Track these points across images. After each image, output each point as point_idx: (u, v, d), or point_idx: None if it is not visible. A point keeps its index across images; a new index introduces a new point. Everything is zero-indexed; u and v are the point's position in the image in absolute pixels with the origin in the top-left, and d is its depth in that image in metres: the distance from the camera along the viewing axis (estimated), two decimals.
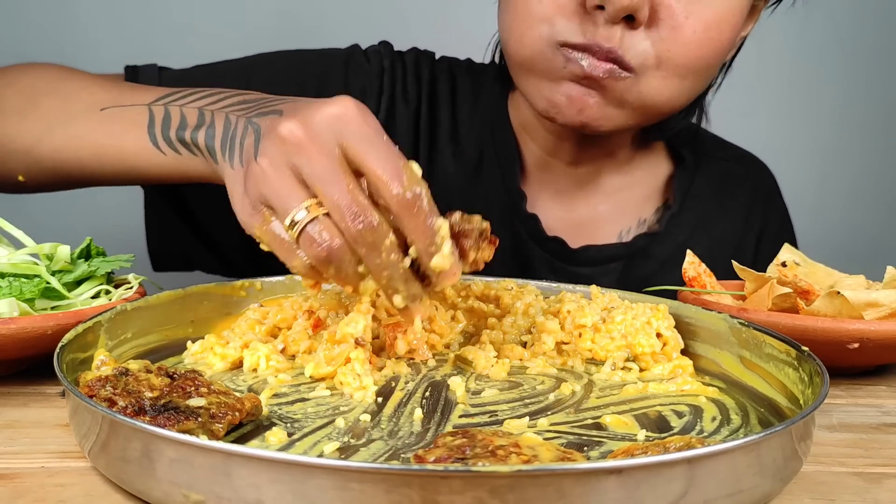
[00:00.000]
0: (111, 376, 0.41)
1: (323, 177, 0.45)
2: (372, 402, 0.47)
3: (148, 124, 0.60)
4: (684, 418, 0.47)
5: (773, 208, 0.94)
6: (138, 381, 0.41)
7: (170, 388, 0.41)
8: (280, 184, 0.46)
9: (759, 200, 0.92)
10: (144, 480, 0.34)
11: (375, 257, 0.45)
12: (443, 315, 0.59)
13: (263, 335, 0.56)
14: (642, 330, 0.56)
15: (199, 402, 0.40)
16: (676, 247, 0.84)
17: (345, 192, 0.44)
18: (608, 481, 0.31)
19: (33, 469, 0.38)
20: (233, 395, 0.42)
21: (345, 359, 0.50)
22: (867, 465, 0.43)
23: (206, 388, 0.42)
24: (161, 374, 0.42)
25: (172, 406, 0.39)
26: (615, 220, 0.86)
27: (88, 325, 0.48)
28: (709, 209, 0.88)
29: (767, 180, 0.95)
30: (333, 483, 0.30)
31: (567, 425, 0.45)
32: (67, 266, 0.57)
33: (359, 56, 0.84)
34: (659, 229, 0.85)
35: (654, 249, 0.85)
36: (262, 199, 0.47)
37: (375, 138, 0.46)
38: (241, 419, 0.41)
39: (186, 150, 0.58)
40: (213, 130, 0.55)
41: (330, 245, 0.45)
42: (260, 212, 0.47)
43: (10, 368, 0.51)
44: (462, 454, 0.35)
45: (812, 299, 0.59)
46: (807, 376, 0.46)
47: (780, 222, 0.95)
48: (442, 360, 0.56)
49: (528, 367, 0.54)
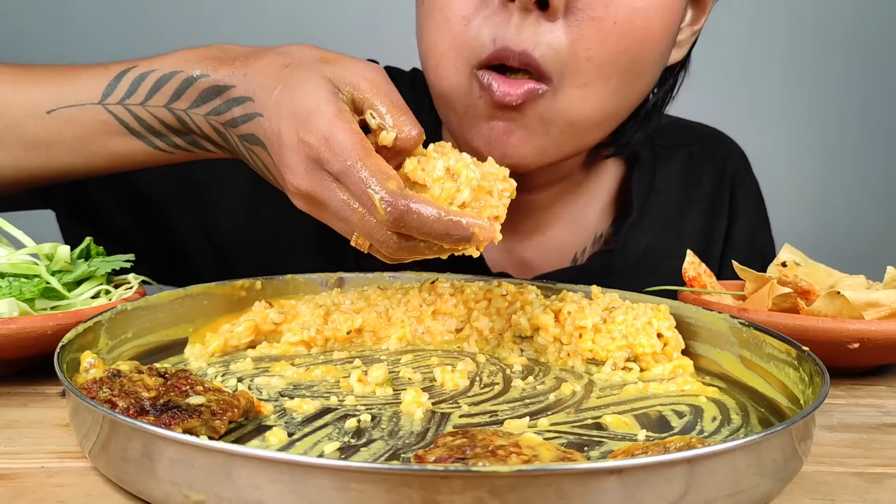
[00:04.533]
0: (105, 378, 0.41)
1: (335, 218, 0.50)
2: (373, 402, 0.47)
3: (130, 132, 0.59)
4: (685, 418, 0.47)
5: (744, 189, 0.88)
6: (133, 382, 0.41)
7: (165, 387, 0.41)
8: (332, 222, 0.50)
9: (727, 181, 0.86)
10: (145, 480, 0.34)
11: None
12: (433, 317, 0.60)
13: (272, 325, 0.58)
14: (643, 330, 0.56)
15: (199, 399, 0.40)
16: (638, 255, 0.79)
17: (356, 175, 0.46)
18: (608, 481, 0.31)
19: (33, 469, 0.38)
20: (227, 393, 0.42)
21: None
22: (867, 465, 0.43)
23: (201, 385, 0.42)
24: (153, 375, 0.43)
25: (174, 405, 0.39)
26: (569, 244, 0.80)
27: (88, 325, 0.48)
28: (676, 203, 0.83)
29: (735, 158, 0.88)
30: (334, 483, 0.30)
31: (567, 425, 0.45)
32: (67, 266, 0.57)
33: None
34: (616, 243, 0.79)
35: (613, 264, 0.78)
36: (320, 218, 0.51)
37: (352, 138, 0.47)
38: (239, 416, 0.41)
39: (184, 154, 0.60)
40: (209, 147, 0.58)
41: (396, 252, 0.48)
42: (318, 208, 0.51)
43: (10, 368, 0.51)
44: (462, 454, 0.35)
45: (812, 299, 0.59)
46: (807, 376, 0.46)
47: (752, 204, 0.88)
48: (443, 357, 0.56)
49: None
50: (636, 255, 0.80)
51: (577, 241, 0.80)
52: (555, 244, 0.80)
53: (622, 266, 0.79)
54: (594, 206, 0.81)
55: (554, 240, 0.80)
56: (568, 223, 0.80)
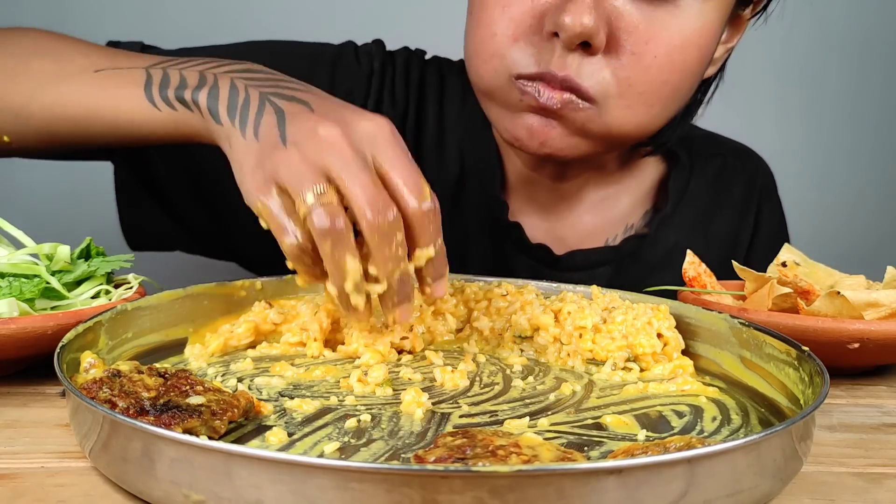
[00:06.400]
0: (105, 378, 0.41)
1: (351, 171, 0.47)
2: (373, 402, 0.47)
3: (145, 84, 0.60)
4: (685, 418, 0.47)
5: (770, 203, 0.92)
6: (133, 382, 0.41)
7: (165, 387, 0.41)
8: (306, 174, 0.48)
9: (754, 194, 0.90)
10: (145, 480, 0.34)
11: (385, 247, 0.47)
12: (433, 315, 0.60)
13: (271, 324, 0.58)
14: (643, 330, 0.56)
15: (199, 399, 0.40)
16: (667, 248, 0.83)
17: (370, 185, 0.47)
18: (608, 481, 0.31)
19: (33, 469, 0.38)
20: (227, 393, 0.42)
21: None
22: (867, 465, 0.43)
23: (201, 385, 0.42)
24: (153, 375, 0.43)
25: (174, 405, 0.39)
26: (602, 229, 0.84)
27: (89, 326, 0.48)
28: (705, 207, 0.87)
29: (764, 174, 0.93)
30: (334, 483, 0.30)
31: (567, 425, 0.45)
32: (67, 266, 0.57)
33: (349, 56, 0.82)
34: (648, 232, 0.83)
35: (643, 252, 0.83)
36: (279, 179, 0.48)
37: (403, 156, 0.49)
38: (239, 416, 0.41)
39: (184, 107, 0.58)
40: (217, 92, 0.56)
41: (334, 224, 0.47)
42: (270, 188, 0.49)
43: (9, 368, 0.51)
44: (462, 454, 0.35)
45: (812, 299, 0.59)
46: (807, 376, 0.46)
47: (777, 218, 0.93)
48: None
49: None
50: (665, 249, 0.83)
51: (609, 227, 0.85)
52: (586, 228, 0.84)
53: (651, 256, 0.83)
54: (626, 198, 0.86)
55: (586, 224, 0.84)
56: (599, 210, 0.84)
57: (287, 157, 0.49)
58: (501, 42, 0.64)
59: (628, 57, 0.63)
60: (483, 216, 0.82)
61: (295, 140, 0.49)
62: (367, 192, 0.47)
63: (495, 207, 0.81)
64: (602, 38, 0.61)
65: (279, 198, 0.49)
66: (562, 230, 0.84)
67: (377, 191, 0.47)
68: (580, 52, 0.62)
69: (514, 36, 0.64)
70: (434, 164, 0.82)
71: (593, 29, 0.60)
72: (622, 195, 0.85)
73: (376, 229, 0.47)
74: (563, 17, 0.60)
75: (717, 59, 0.74)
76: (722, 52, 0.74)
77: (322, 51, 0.83)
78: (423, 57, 0.86)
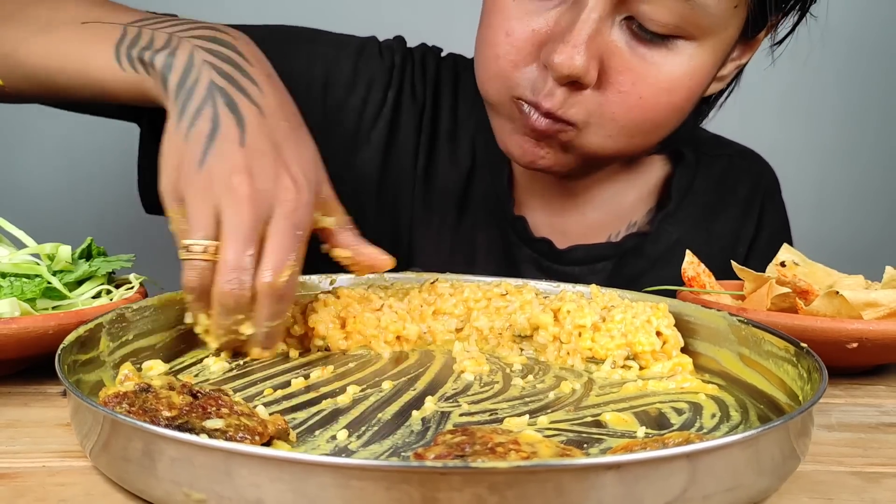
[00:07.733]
0: (130, 392, 0.40)
1: (233, 235, 0.49)
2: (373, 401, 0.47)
3: (117, 41, 0.61)
4: (684, 415, 0.47)
5: (773, 204, 0.93)
6: (158, 399, 0.39)
7: (190, 406, 0.40)
8: (200, 217, 0.50)
9: (758, 195, 0.91)
10: (145, 480, 0.34)
11: (223, 319, 0.50)
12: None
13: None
14: (642, 328, 0.56)
15: (217, 423, 0.38)
16: (669, 245, 0.84)
17: (239, 256, 0.49)
18: (607, 477, 0.31)
19: (34, 468, 0.39)
20: (256, 417, 0.40)
21: None
22: (865, 464, 0.43)
23: (228, 408, 0.40)
24: (184, 392, 0.41)
25: (187, 427, 0.37)
26: (605, 225, 0.86)
27: (90, 327, 0.48)
28: (709, 205, 0.87)
29: (768, 176, 0.94)
30: (334, 481, 0.31)
31: (567, 423, 0.45)
32: (68, 266, 0.57)
33: (372, 48, 0.84)
34: (650, 230, 0.84)
35: (645, 248, 0.84)
36: (184, 199, 0.51)
37: (289, 231, 0.51)
38: (262, 442, 0.39)
39: (143, 69, 0.59)
40: (173, 61, 0.57)
41: (199, 283, 0.50)
42: (177, 198, 0.52)
43: (11, 368, 0.51)
44: (461, 451, 0.35)
45: (811, 299, 0.59)
46: (805, 373, 0.47)
47: (780, 219, 0.94)
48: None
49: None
50: (667, 245, 0.84)
51: (612, 223, 0.86)
52: (589, 224, 0.85)
53: (653, 252, 0.84)
54: (630, 195, 0.87)
55: (589, 220, 0.85)
56: (602, 207, 0.86)
57: (196, 185, 0.51)
58: (503, 66, 0.66)
59: (615, 94, 0.64)
60: (491, 208, 0.84)
61: (210, 171, 0.51)
62: (236, 262, 0.49)
63: (503, 201, 0.83)
64: (592, 76, 0.63)
65: (182, 210, 0.52)
66: (565, 225, 0.85)
67: (244, 268, 0.49)
68: (569, 87, 0.64)
69: (514, 61, 0.66)
70: (447, 157, 0.84)
71: (582, 70, 0.61)
72: (627, 192, 0.86)
73: (222, 300, 0.49)
74: (553, 56, 0.61)
75: (725, 76, 0.74)
76: (731, 68, 0.74)
77: (348, 40, 0.85)
78: (440, 54, 0.88)
